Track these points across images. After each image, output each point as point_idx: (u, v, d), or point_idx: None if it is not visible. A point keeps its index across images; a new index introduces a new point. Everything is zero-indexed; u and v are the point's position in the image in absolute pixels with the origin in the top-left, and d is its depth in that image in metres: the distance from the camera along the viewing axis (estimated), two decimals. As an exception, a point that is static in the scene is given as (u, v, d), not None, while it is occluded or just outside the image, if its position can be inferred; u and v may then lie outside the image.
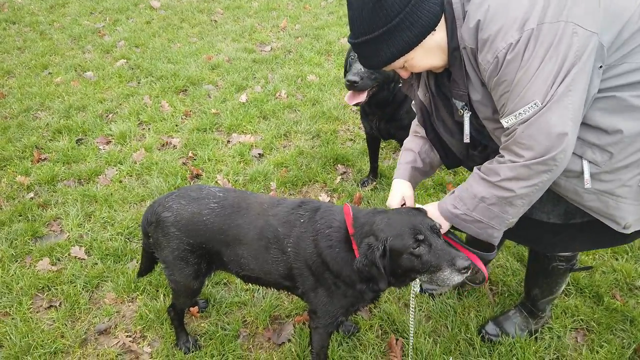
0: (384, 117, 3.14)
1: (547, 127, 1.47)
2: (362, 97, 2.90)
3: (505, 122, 1.57)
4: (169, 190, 3.46)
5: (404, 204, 2.06)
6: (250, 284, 2.64)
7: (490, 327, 2.46)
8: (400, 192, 2.07)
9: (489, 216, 1.69)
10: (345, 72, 3.11)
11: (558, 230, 1.94)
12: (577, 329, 2.51)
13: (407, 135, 2.85)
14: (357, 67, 2.82)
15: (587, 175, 1.63)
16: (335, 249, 1.88)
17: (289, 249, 1.95)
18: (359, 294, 1.94)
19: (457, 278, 1.70)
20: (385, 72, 2.85)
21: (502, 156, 1.63)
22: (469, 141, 1.83)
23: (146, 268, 2.41)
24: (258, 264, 2.03)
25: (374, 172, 3.64)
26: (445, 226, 1.84)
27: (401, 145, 2.87)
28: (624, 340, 2.42)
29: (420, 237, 1.70)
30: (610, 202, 1.70)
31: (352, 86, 2.83)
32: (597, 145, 1.60)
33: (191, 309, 2.57)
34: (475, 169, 1.74)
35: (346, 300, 1.97)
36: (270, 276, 2.06)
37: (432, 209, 1.86)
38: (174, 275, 2.13)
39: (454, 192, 1.80)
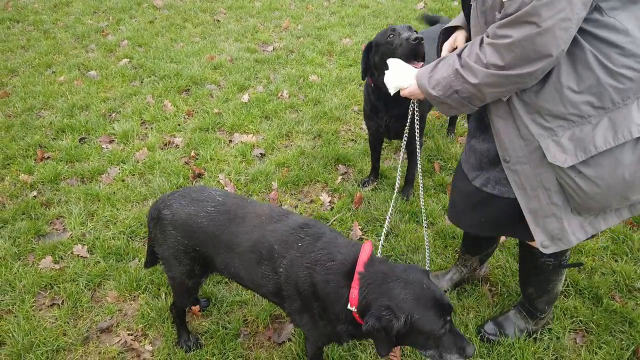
0: (399, 114, 3.03)
1: (543, 46, 1.48)
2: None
3: None
4: (171, 190, 3.49)
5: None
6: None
7: (490, 327, 2.47)
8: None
9: (459, 104, 1.78)
10: (370, 69, 2.99)
11: (475, 195, 2.01)
12: (576, 330, 2.52)
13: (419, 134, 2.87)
14: (408, 32, 2.71)
15: None
16: (331, 283, 1.79)
17: (281, 270, 1.90)
18: (337, 334, 1.91)
19: None
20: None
21: (484, 52, 1.61)
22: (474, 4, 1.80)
23: (151, 260, 2.42)
24: (248, 275, 2.03)
25: (375, 172, 3.65)
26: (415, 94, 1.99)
27: (406, 144, 2.85)
28: (623, 342, 2.43)
29: (448, 319, 1.69)
30: (509, 127, 1.77)
31: (419, 44, 2.62)
32: None
33: (193, 307, 2.59)
34: (456, 56, 1.74)
35: (325, 332, 1.94)
36: (259, 289, 2.07)
37: (411, 77, 1.99)
38: (170, 272, 2.16)
39: (435, 69, 1.83)
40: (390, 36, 2.78)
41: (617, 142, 1.58)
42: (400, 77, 2.06)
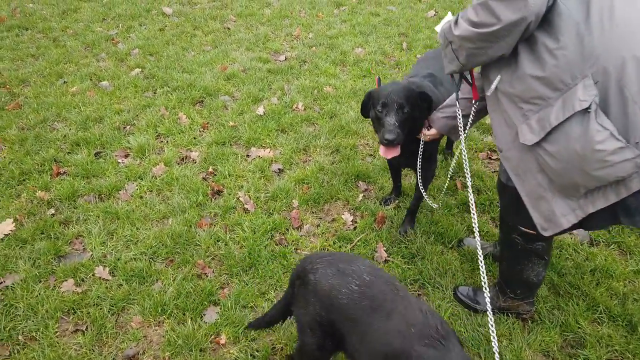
0: (408, 152, 2.93)
1: (511, 9, 1.71)
2: (397, 151, 2.74)
3: None
4: (191, 208, 3.44)
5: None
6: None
7: (464, 289, 2.78)
8: None
9: (451, 57, 2.03)
10: (364, 111, 2.95)
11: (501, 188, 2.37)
12: (612, 359, 2.48)
13: (427, 167, 3.05)
14: (390, 122, 2.66)
15: None
16: None
17: None
18: None
19: None
20: (412, 114, 2.72)
21: (469, 9, 1.86)
22: None
23: (273, 317, 2.31)
24: None
25: (397, 190, 3.60)
26: None
27: (419, 171, 2.86)
28: (660, 373, 2.39)
29: None
30: (498, 117, 2.05)
31: (390, 144, 2.67)
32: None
33: (217, 338, 2.54)
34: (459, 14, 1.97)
35: None
36: None
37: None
38: (303, 336, 2.06)
39: (449, 22, 2.03)
40: (378, 111, 2.74)
41: (565, 117, 1.74)
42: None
